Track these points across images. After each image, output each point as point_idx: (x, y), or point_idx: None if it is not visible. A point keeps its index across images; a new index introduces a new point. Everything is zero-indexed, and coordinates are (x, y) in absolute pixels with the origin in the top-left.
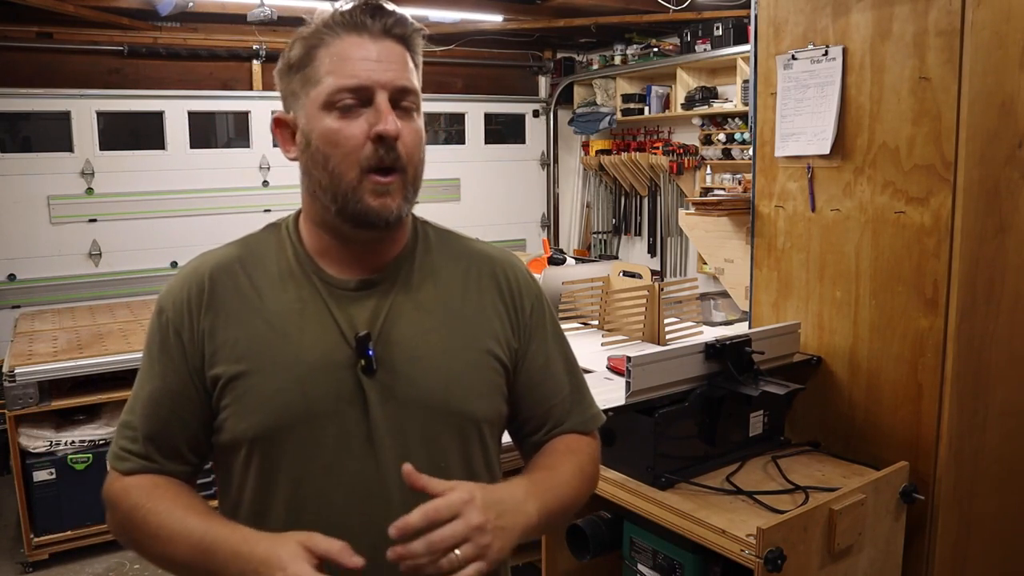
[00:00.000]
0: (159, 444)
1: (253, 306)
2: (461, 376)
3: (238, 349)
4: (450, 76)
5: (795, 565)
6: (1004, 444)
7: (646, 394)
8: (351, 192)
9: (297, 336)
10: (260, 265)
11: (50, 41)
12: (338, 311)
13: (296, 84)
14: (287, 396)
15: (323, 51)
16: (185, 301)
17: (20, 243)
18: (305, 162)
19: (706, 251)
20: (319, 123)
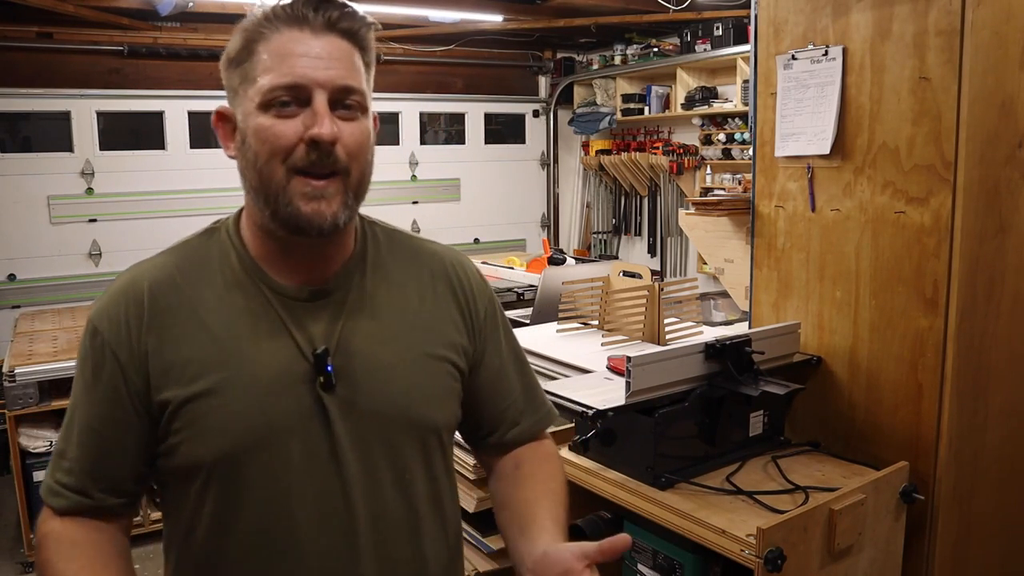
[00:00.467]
0: (97, 477)
1: (200, 321)
2: (421, 385)
3: (190, 370)
4: (450, 76)
5: (795, 565)
6: (1004, 444)
7: (646, 394)
8: (280, 194)
9: (252, 353)
10: (202, 275)
11: (50, 41)
12: (293, 324)
13: (235, 79)
14: (248, 417)
15: (262, 46)
16: (123, 320)
17: (20, 243)
18: (240, 162)
19: (706, 251)
20: (254, 121)
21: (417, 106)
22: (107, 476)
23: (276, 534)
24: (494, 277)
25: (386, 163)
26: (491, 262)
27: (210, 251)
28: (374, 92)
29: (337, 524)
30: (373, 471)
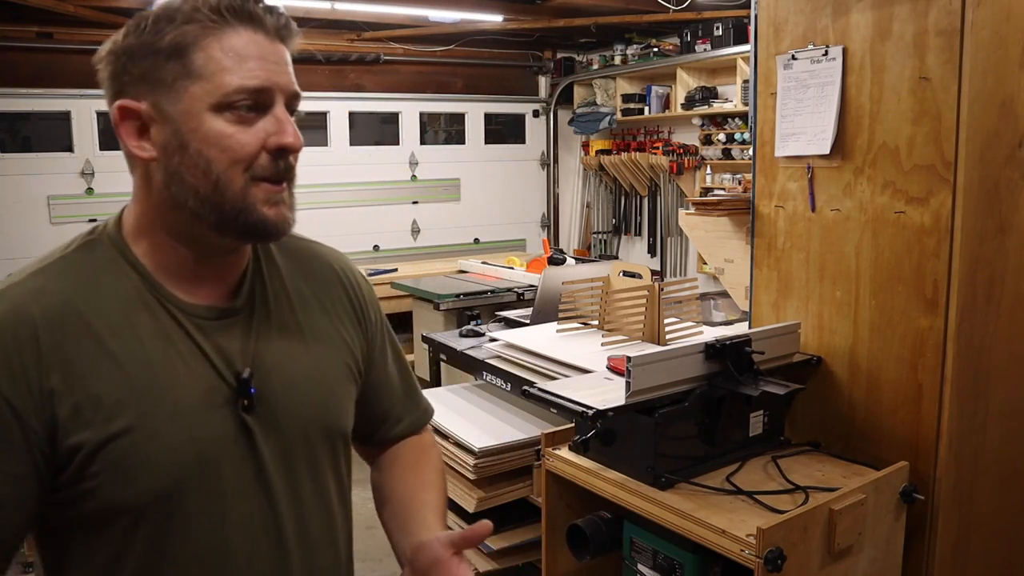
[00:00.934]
0: None
1: (106, 351)
2: (331, 394)
3: (104, 407)
4: (450, 76)
5: (795, 565)
6: (1004, 444)
7: (646, 394)
8: (240, 202)
9: (169, 380)
10: (96, 297)
11: (50, 41)
12: (208, 346)
13: (167, 73)
14: (177, 451)
15: (213, 42)
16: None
17: (20, 243)
18: (173, 165)
19: (706, 251)
20: (206, 124)
21: (417, 106)
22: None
23: (210, 562)
24: (494, 277)
25: (386, 163)
26: (491, 262)
27: (96, 268)
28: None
29: (268, 543)
30: (296, 484)
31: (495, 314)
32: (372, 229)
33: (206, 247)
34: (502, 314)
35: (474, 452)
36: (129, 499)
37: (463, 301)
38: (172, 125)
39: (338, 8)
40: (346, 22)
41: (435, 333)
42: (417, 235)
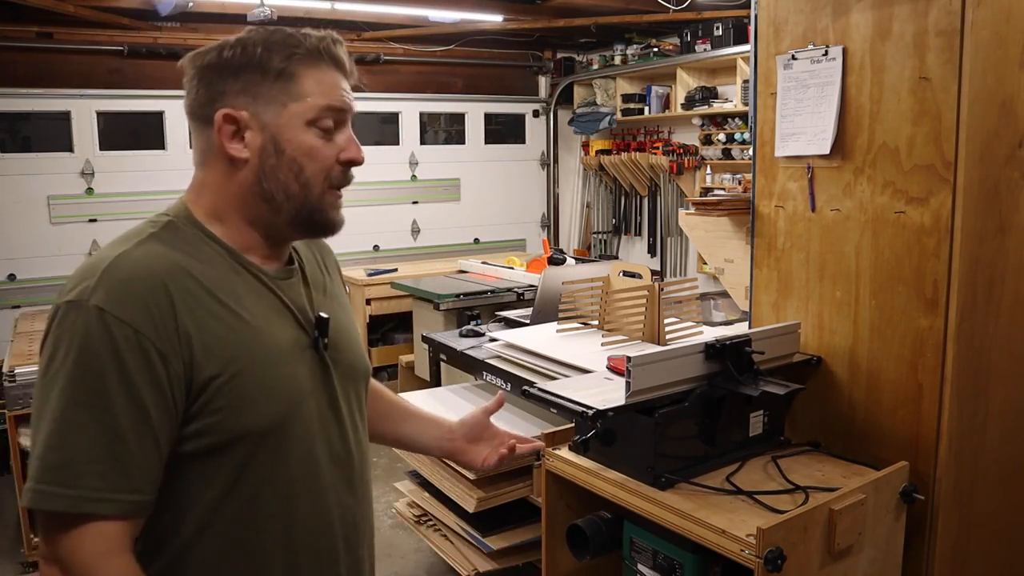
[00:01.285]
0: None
1: (220, 302)
2: (359, 340)
3: (228, 347)
4: (450, 76)
5: (795, 565)
6: (1004, 444)
7: (646, 394)
8: (318, 202)
9: (268, 328)
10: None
11: (50, 41)
12: (287, 298)
13: (270, 90)
14: (283, 385)
15: (311, 72)
16: (153, 308)
17: (20, 243)
18: (269, 167)
19: (706, 251)
20: (300, 136)
21: (417, 106)
22: (150, 469)
23: (308, 480)
24: (494, 277)
25: (386, 163)
26: (491, 262)
27: (187, 242)
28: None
29: (342, 463)
30: (353, 415)
31: (495, 314)
32: (372, 229)
33: (274, 234)
34: (502, 314)
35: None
36: (251, 425)
37: (463, 301)
38: (270, 133)
39: (338, 8)
40: (346, 22)
41: (435, 333)
42: (417, 235)
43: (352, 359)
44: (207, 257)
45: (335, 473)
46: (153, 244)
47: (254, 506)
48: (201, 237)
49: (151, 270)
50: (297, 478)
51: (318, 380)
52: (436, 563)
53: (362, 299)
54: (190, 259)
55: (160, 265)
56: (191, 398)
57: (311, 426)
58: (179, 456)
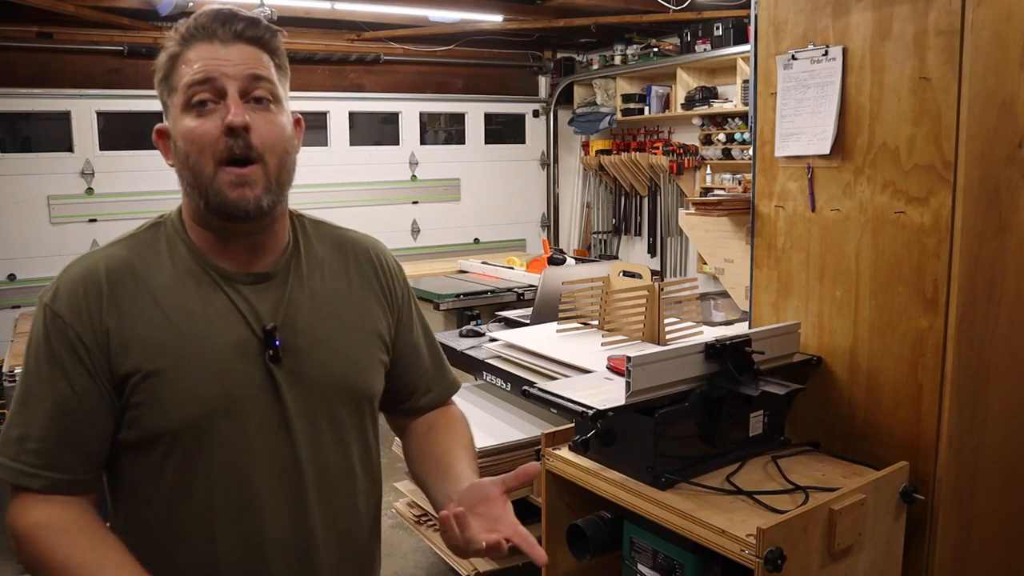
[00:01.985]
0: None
1: (156, 303)
2: (356, 357)
3: (151, 347)
4: (450, 76)
5: (795, 565)
6: (1004, 444)
7: (646, 394)
8: (211, 185)
9: (206, 330)
10: (154, 263)
11: (50, 41)
12: (242, 304)
13: (164, 93)
14: (208, 388)
15: (181, 59)
16: (83, 304)
17: (20, 243)
18: (179, 166)
19: (706, 251)
20: (180, 124)
21: (417, 106)
22: (81, 449)
23: (234, 494)
24: (494, 277)
25: (386, 163)
26: (491, 262)
27: (158, 242)
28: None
29: (288, 482)
30: (317, 434)
31: (495, 314)
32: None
33: (218, 229)
34: (502, 314)
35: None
36: (163, 426)
37: (463, 301)
38: (172, 134)
39: (338, 8)
40: (346, 22)
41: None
42: (417, 235)
43: (322, 373)
44: (167, 258)
45: (277, 490)
46: (117, 248)
47: (173, 508)
48: (174, 238)
49: (93, 271)
50: (219, 488)
51: (262, 389)
52: (436, 563)
53: None
54: (148, 260)
55: (108, 267)
56: (117, 390)
57: (241, 435)
58: (116, 442)
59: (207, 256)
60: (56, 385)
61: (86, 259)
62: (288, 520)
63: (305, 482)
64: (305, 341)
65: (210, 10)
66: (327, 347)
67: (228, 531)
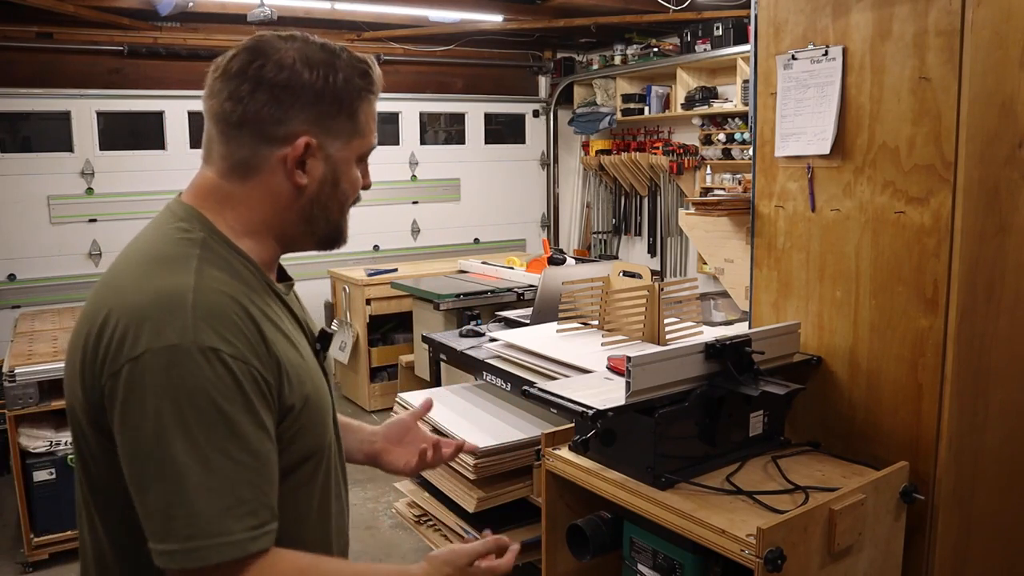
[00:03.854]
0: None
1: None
2: None
3: (300, 373)
4: (450, 76)
5: (795, 565)
6: (1004, 444)
7: (646, 394)
8: (342, 225)
9: (301, 346)
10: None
11: (50, 41)
12: (297, 312)
13: (341, 125)
14: (325, 401)
15: (366, 108)
16: (250, 340)
17: (20, 243)
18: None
19: (706, 251)
20: (351, 170)
21: (417, 106)
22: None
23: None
24: (494, 277)
25: (386, 163)
26: (491, 262)
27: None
28: None
29: (342, 460)
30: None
31: (495, 314)
32: (372, 229)
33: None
34: (502, 314)
35: (474, 452)
36: (315, 445)
37: (463, 301)
38: (331, 165)
39: (338, 8)
40: (346, 22)
41: (435, 333)
42: (417, 235)
43: (328, 368)
44: (245, 278)
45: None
46: (210, 269)
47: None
48: (233, 255)
49: (234, 301)
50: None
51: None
52: None
53: (362, 299)
54: (238, 283)
55: (234, 293)
56: (279, 421)
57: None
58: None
59: (264, 272)
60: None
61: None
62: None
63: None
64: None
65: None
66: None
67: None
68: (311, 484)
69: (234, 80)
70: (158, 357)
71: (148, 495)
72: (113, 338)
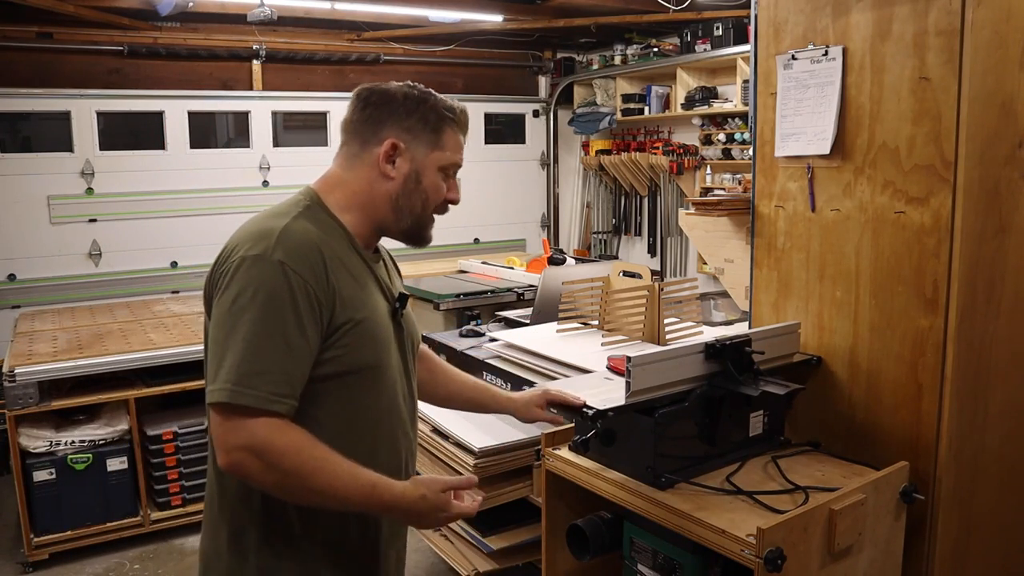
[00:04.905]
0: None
1: (348, 272)
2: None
3: (355, 302)
4: (450, 76)
5: (795, 565)
6: (1004, 444)
7: (646, 394)
8: (424, 222)
9: (372, 293)
10: (329, 239)
11: (50, 41)
12: (378, 275)
13: (425, 137)
14: (386, 335)
15: (451, 131)
16: (320, 269)
17: (20, 243)
18: (408, 190)
19: (706, 251)
20: (433, 176)
21: None
22: (302, 383)
23: (393, 408)
24: (494, 277)
25: None
26: (491, 262)
27: (324, 224)
28: None
29: (405, 401)
30: (410, 371)
31: (495, 314)
32: None
33: (382, 232)
34: (502, 314)
35: (474, 452)
36: (364, 361)
37: (463, 301)
38: (415, 166)
39: (338, 8)
40: (346, 22)
41: (435, 333)
42: None
43: (412, 328)
44: (335, 237)
45: (405, 409)
46: (303, 221)
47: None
48: (330, 221)
49: (310, 239)
50: (383, 408)
51: (397, 340)
52: (436, 563)
53: None
54: (325, 236)
55: (314, 237)
56: (328, 335)
57: (395, 371)
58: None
59: (355, 241)
60: (291, 330)
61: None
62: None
63: (414, 404)
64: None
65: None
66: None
67: (384, 439)
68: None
69: (354, 101)
70: (246, 261)
71: (215, 348)
72: (227, 251)
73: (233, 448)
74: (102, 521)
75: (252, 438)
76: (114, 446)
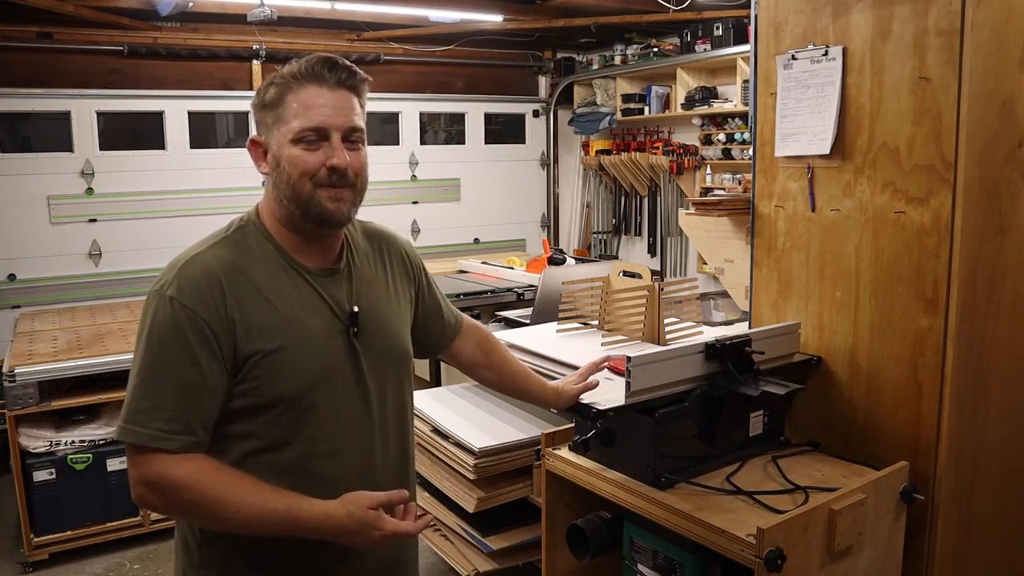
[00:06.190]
0: (197, 418)
1: (263, 296)
2: (399, 327)
3: (267, 331)
4: (450, 76)
5: (795, 565)
6: (1004, 444)
7: (646, 394)
8: (311, 200)
9: (305, 317)
10: (251, 262)
11: (50, 41)
12: (324, 293)
13: (269, 118)
14: (313, 363)
15: (291, 96)
16: (208, 298)
17: (20, 243)
18: (275, 178)
19: (706, 251)
20: (287, 151)
21: (417, 106)
22: (203, 417)
23: (330, 441)
24: (494, 277)
25: (386, 163)
26: (491, 262)
27: (249, 243)
28: (375, 93)
29: (363, 429)
30: (382, 391)
31: (495, 314)
32: None
33: (301, 230)
34: (502, 314)
35: (474, 452)
36: (279, 394)
37: (463, 301)
38: (273, 152)
39: (338, 8)
40: (346, 22)
41: None
42: (417, 235)
43: (383, 343)
44: (261, 257)
45: (359, 438)
46: (220, 248)
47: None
48: (261, 238)
49: (211, 270)
50: (316, 437)
51: (348, 360)
52: (436, 563)
53: None
54: (247, 260)
55: (220, 266)
56: (237, 367)
57: (335, 398)
58: (227, 409)
59: (291, 255)
60: (183, 365)
61: (197, 259)
62: (365, 460)
63: (374, 429)
64: (369, 319)
65: (320, 57)
66: (383, 322)
67: (320, 470)
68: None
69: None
70: (149, 296)
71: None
72: None
73: (134, 483)
74: (102, 521)
75: (147, 473)
76: (114, 446)
